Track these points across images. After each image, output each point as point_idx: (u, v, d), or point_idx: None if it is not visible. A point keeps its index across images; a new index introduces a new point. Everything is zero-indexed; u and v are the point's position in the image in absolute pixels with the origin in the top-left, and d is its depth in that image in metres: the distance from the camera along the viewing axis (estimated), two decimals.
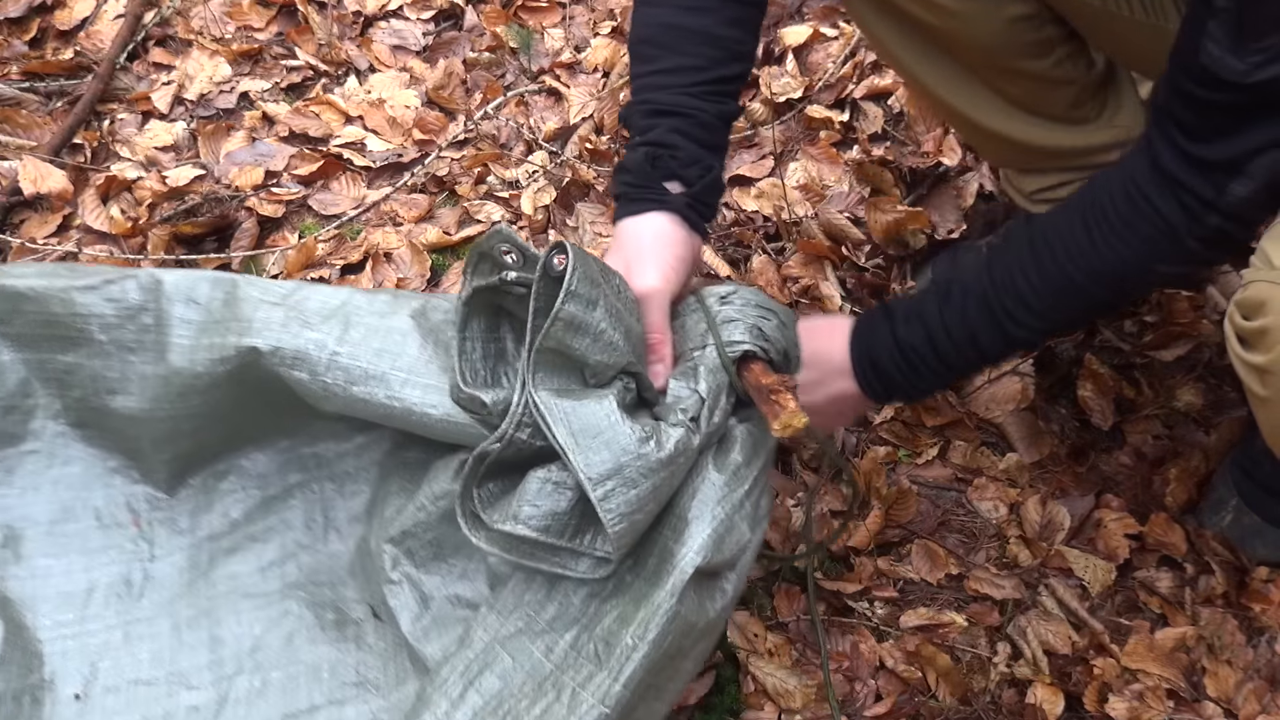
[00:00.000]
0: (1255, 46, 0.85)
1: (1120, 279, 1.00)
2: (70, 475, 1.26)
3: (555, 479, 1.02)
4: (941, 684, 1.20)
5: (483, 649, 1.05)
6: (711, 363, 1.07)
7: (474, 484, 1.03)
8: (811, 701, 1.18)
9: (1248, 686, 1.19)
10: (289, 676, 1.15)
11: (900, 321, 1.08)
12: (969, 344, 1.06)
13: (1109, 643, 1.22)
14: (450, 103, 1.86)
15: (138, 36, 1.93)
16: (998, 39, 1.21)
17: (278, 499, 1.25)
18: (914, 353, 1.07)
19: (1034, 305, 1.04)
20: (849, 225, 1.60)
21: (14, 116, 1.79)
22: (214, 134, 1.80)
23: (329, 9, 2.00)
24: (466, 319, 1.06)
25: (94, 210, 1.68)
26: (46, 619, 1.19)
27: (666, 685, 1.05)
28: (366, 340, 1.09)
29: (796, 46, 1.88)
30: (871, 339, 1.10)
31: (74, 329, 1.16)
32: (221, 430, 1.23)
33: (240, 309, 1.11)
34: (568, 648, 1.02)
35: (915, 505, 1.35)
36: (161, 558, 1.25)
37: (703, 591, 1.05)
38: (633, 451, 0.99)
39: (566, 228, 1.68)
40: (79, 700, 1.15)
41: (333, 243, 1.66)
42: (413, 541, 1.15)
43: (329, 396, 1.09)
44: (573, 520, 1.03)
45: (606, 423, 1.00)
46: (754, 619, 1.24)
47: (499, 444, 1.02)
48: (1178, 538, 1.31)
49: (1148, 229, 0.96)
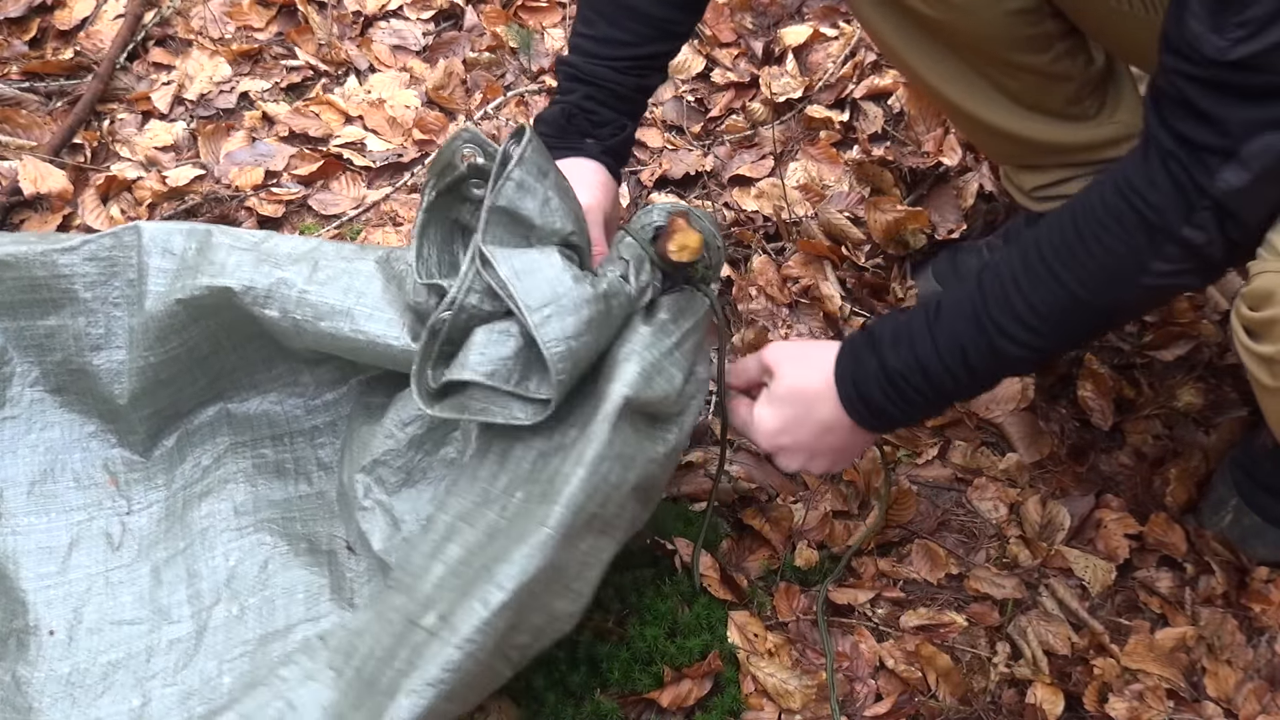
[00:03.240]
0: (1234, 21, 0.82)
1: (1112, 281, 0.96)
2: (49, 439, 1.32)
3: (500, 328, 1.07)
4: (941, 684, 1.20)
5: (444, 528, 1.09)
6: (631, 245, 1.12)
7: (428, 362, 1.07)
8: (812, 701, 1.18)
9: (1248, 686, 1.19)
10: (265, 600, 1.19)
11: (887, 347, 1.03)
12: (961, 366, 1.00)
13: (1109, 643, 1.22)
14: (450, 103, 1.86)
15: (138, 36, 1.93)
16: (997, 33, 1.21)
17: (247, 445, 1.30)
18: (904, 381, 1.02)
19: (1026, 318, 0.98)
20: (849, 225, 1.60)
21: (14, 116, 1.79)
22: (214, 134, 1.80)
23: (329, 9, 2.00)
24: (425, 225, 1.11)
25: (94, 210, 1.68)
26: (29, 571, 1.25)
27: (612, 519, 1.07)
28: (334, 280, 1.17)
29: (796, 46, 1.88)
30: (857, 370, 1.05)
31: (58, 290, 1.23)
32: (198, 381, 1.29)
33: (214, 254, 1.19)
34: (520, 503, 1.06)
35: (915, 505, 1.35)
36: (139, 511, 1.31)
37: (640, 430, 1.09)
38: (568, 284, 1.04)
39: None
40: (63, 640, 1.20)
41: None
42: (383, 469, 1.20)
43: (299, 332, 1.16)
44: (518, 367, 1.06)
45: (546, 263, 1.05)
46: (754, 619, 1.24)
47: (450, 311, 1.06)
48: (1178, 538, 1.31)
49: (1135, 220, 0.93)
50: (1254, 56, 0.82)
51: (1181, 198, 0.90)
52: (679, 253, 1.09)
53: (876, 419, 1.06)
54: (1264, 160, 0.85)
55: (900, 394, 1.03)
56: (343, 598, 1.20)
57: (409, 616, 1.01)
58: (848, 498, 1.36)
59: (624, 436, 1.04)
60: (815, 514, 1.34)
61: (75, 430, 1.32)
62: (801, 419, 1.08)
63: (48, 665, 1.17)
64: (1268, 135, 0.85)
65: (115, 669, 1.17)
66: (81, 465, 1.31)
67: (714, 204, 1.68)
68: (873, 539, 1.31)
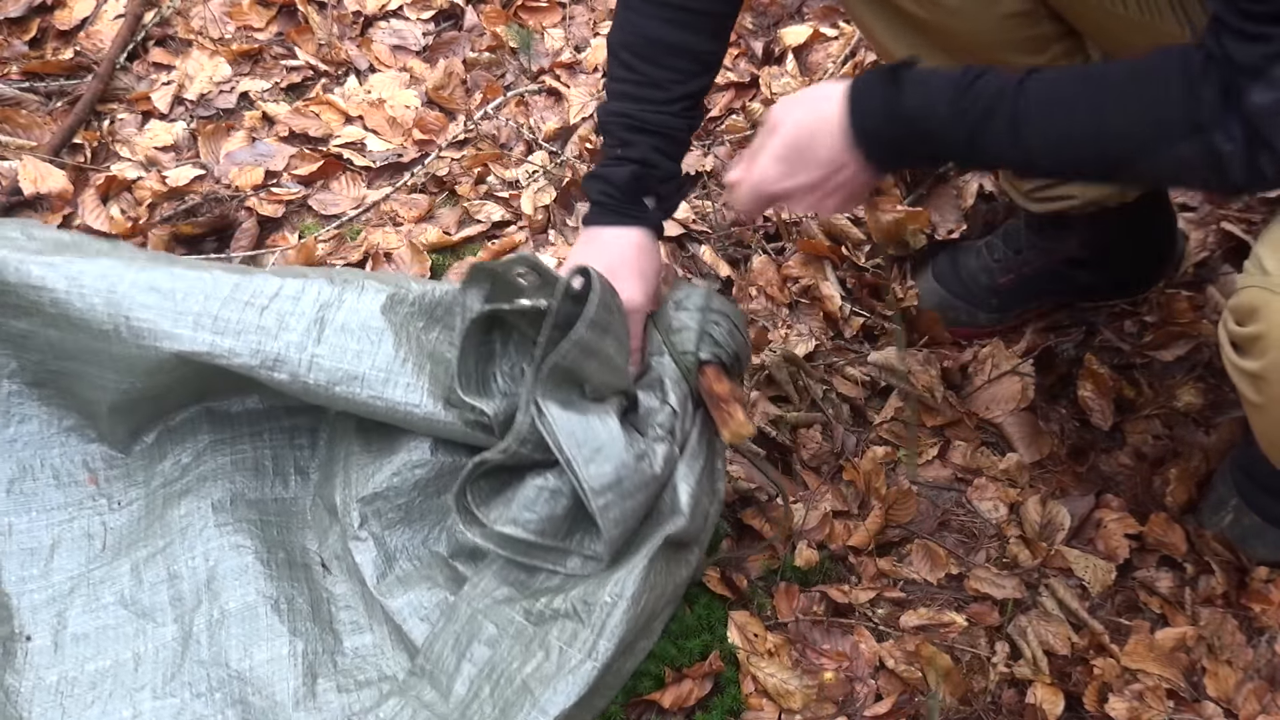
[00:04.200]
0: None
1: (1141, 139, 0.93)
2: (27, 433, 1.30)
3: (552, 487, 1.12)
4: (942, 684, 1.20)
5: (466, 620, 1.12)
6: (673, 373, 1.16)
7: (468, 484, 1.11)
8: (812, 701, 1.18)
9: (1248, 686, 1.19)
10: (247, 608, 1.18)
11: (907, 84, 0.99)
12: (969, 128, 0.97)
13: (1109, 643, 1.22)
14: (450, 103, 1.86)
15: (138, 36, 1.93)
16: (993, 35, 1.21)
17: (226, 442, 1.29)
18: (914, 124, 0.99)
19: (1051, 118, 0.96)
20: (849, 225, 1.60)
21: (14, 116, 1.79)
22: (214, 134, 1.80)
23: (329, 9, 2.00)
24: (466, 334, 1.12)
25: (94, 210, 1.68)
26: (12, 574, 1.23)
27: (638, 644, 1.14)
28: (343, 341, 1.14)
29: (796, 46, 1.88)
30: (869, 103, 1.01)
31: (25, 299, 1.17)
32: (182, 395, 1.27)
33: (209, 305, 1.13)
34: (543, 608, 1.10)
35: (915, 505, 1.35)
36: (119, 509, 1.29)
37: (670, 558, 1.14)
38: (630, 466, 1.09)
39: (566, 227, 1.68)
40: (48, 647, 1.19)
41: (333, 243, 1.66)
42: (382, 503, 1.20)
43: (311, 395, 1.14)
44: (566, 523, 1.12)
45: (608, 438, 1.09)
46: (754, 619, 1.24)
47: (502, 455, 1.10)
48: (1178, 538, 1.31)
49: (1181, 98, 0.90)
50: None
51: (1222, 102, 0.88)
52: (730, 438, 1.14)
53: (886, 154, 1.03)
54: None
55: (911, 135, 1.00)
56: (320, 618, 1.19)
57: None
58: (847, 498, 1.36)
59: (658, 567, 1.11)
60: (815, 514, 1.34)
61: (54, 425, 1.30)
62: (807, 159, 1.04)
63: (35, 674, 1.16)
64: None
65: (103, 678, 1.16)
66: (60, 461, 1.29)
67: (714, 204, 1.68)
68: (873, 539, 1.32)
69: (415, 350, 1.16)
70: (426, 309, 1.21)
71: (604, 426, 1.09)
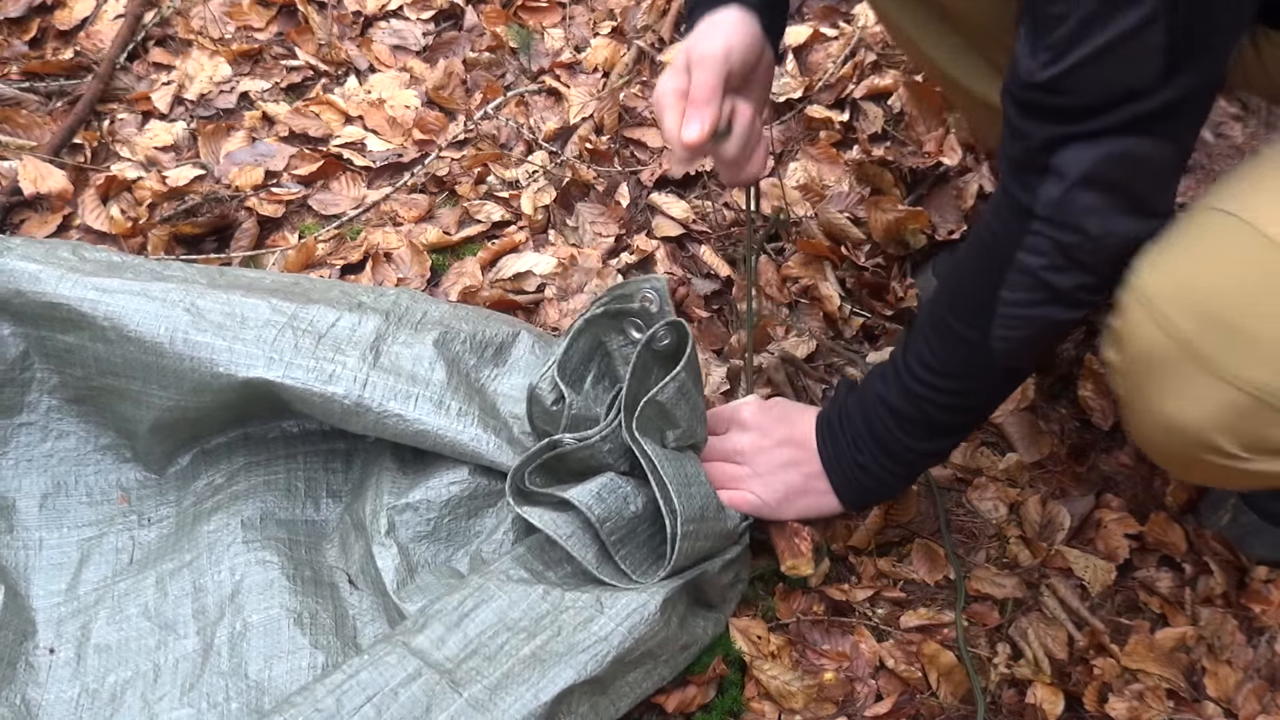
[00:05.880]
0: (1044, 44, 0.84)
1: (977, 309, 0.99)
2: (64, 449, 1.31)
3: (627, 491, 1.15)
4: (942, 684, 1.20)
5: (476, 588, 1.11)
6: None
7: (528, 465, 1.14)
8: (813, 702, 1.18)
9: (1248, 686, 1.19)
10: (269, 620, 1.18)
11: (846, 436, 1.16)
12: (897, 427, 1.11)
13: (1109, 643, 1.22)
14: (450, 103, 1.86)
15: (138, 36, 1.93)
16: (1003, 14, 1.21)
17: (260, 464, 1.30)
18: (869, 470, 1.16)
19: (928, 361, 1.06)
20: (849, 225, 1.60)
21: (14, 116, 1.79)
22: (214, 134, 1.80)
23: (329, 9, 2.00)
24: (580, 333, 1.18)
25: (94, 210, 1.68)
26: (40, 589, 1.24)
27: (660, 666, 1.15)
28: (399, 364, 1.19)
29: (796, 46, 1.88)
30: (837, 454, 1.18)
31: (76, 312, 1.20)
32: (223, 418, 1.28)
33: (266, 332, 1.18)
34: (559, 596, 1.10)
35: (915, 505, 1.35)
36: (150, 525, 1.30)
37: (693, 609, 1.19)
38: (714, 506, 1.16)
39: (566, 227, 1.68)
40: (71, 659, 1.19)
41: (333, 243, 1.66)
42: (411, 514, 1.21)
43: (362, 414, 1.17)
44: (621, 528, 1.14)
45: (696, 475, 1.15)
46: (757, 621, 1.24)
47: (579, 444, 1.14)
48: (1177, 537, 1.31)
49: (982, 248, 0.98)
50: (1058, 78, 0.85)
51: (1016, 220, 0.93)
52: (789, 570, 1.23)
53: (866, 497, 1.21)
54: (1076, 167, 0.87)
55: (871, 475, 1.16)
56: (344, 634, 1.19)
57: (438, 668, 1.04)
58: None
59: (682, 603, 1.16)
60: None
61: (90, 442, 1.30)
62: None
63: (57, 688, 1.16)
64: (1074, 146, 0.87)
65: (124, 690, 1.16)
66: (95, 479, 1.30)
67: (714, 204, 1.68)
68: (872, 539, 1.32)
69: (465, 383, 1.21)
70: (477, 348, 1.27)
71: (693, 465, 1.16)
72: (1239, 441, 0.90)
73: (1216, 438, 0.90)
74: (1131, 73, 0.83)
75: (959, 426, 1.16)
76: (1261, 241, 0.85)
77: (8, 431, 1.29)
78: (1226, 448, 0.91)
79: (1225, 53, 0.85)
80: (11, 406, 1.28)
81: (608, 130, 1.79)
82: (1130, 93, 0.83)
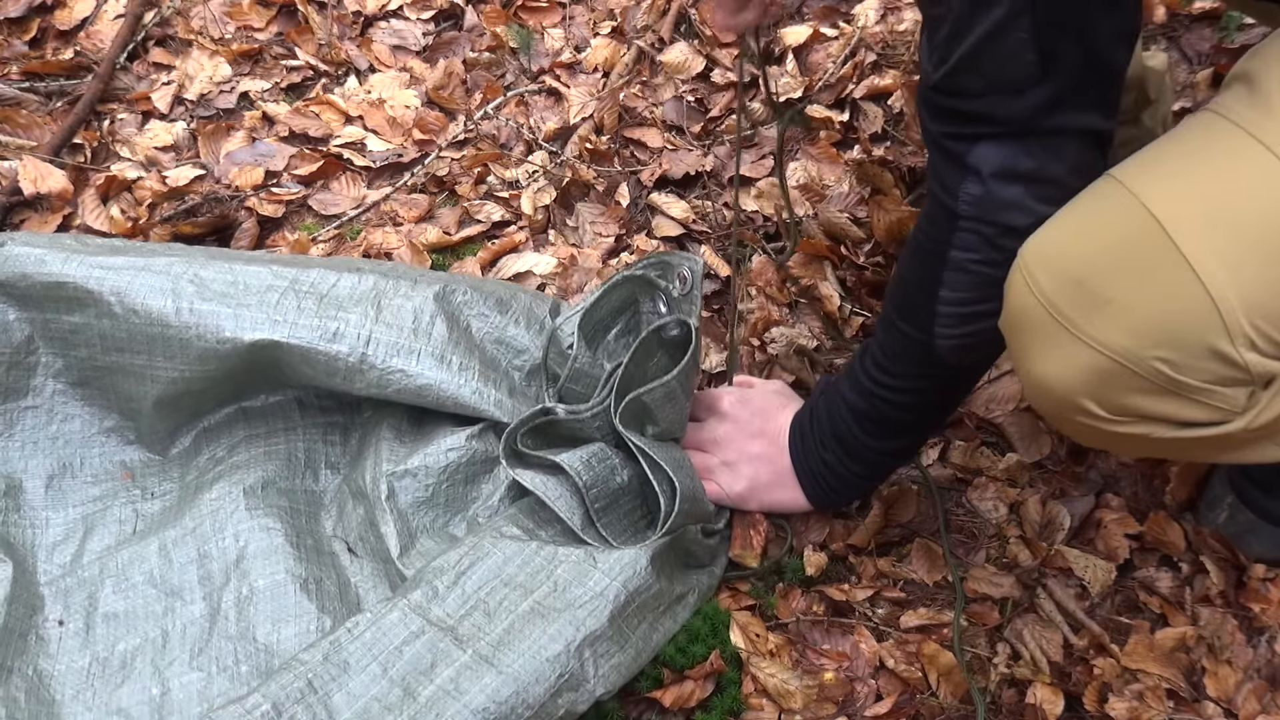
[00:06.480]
0: (932, 46, 0.86)
1: (915, 310, 1.02)
2: (69, 432, 1.34)
3: (614, 463, 1.18)
4: (942, 684, 1.20)
5: (471, 547, 1.14)
6: None
7: (521, 428, 1.17)
8: (812, 701, 1.18)
9: (1248, 686, 1.19)
10: (275, 584, 1.20)
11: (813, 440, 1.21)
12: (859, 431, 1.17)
13: (1109, 643, 1.22)
14: (450, 103, 1.86)
15: (138, 36, 1.93)
16: None
17: (260, 437, 1.33)
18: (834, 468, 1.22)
19: (880, 361, 1.11)
20: (849, 225, 1.60)
21: (14, 116, 1.79)
22: (214, 134, 1.80)
23: (329, 9, 2.00)
24: (616, 285, 1.23)
25: (94, 210, 1.68)
26: (45, 564, 1.27)
27: (661, 618, 1.17)
28: (400, 320, 1.22)
29: (796, 46, 1.88)
30: (807, 459, 1.24)
31: (82, 290, 1.24)
32: (224, 390, 1.31)
33: (269, 296, 1.21)
34: (555, 548, 1.14)
35: (915, 505, 1.35)
36: (153, 499, 1.33)
37: (688, 555, 1.21)
38: (702, 490, 1.20)
39: (566, 227, 1.68)
40: (80, 630, 1.21)
41: (333, 243, 1.66)
42: (410, 480, 1.23)
43: (365, 379, 1.20)
44: (605, 496, 1.17)
45: (685, 461, 1.20)
46: (755, 618, 1.24)
47: (569, 416, 1.18)
48: (1176, 536, 1.31)
49: (916, 247, 1.01)
50: (946, 79, 0.87)
51: (945, 220, 0.94)
52: (737, 559, 1.27)
53: (831, 496, 1.26)
54: (989, 165, 0.89)
55: (835, 474, 1.21)
56: (348, 601, 1.21)
57: (439, 624, 1.06)
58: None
59: (676, 550, 1.19)
60: (817, 513, 1.34)
61: (95, 425, 1.33)
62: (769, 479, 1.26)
63: (68, 658, 1.18)
64: (983, 144, 0.88)
65: (133, 657, 1.18)
66: (99, 461, 1.33)
67: (714, 204, 1.68)
68: (872, 539, 1.32)
69: (465, 337, 1.23)
70: (478, 300, 1.30)
71: (679, 450, 1.20)
72: (1101, 404, 0.90)
73: (1082, 400, 0.91)
74: (1008, 69, 0.83)
75: (913, 425, 1.19)
76: (1137, 209, 0.85)
77: (14, 414, 1.32)
78: (1092, 409, 0.91)
79: (1110, 34, 0.85)
80: (18, 390, 1.31)
81: (608, 130, 1.79)
82: (1015, 89, 0.84)
